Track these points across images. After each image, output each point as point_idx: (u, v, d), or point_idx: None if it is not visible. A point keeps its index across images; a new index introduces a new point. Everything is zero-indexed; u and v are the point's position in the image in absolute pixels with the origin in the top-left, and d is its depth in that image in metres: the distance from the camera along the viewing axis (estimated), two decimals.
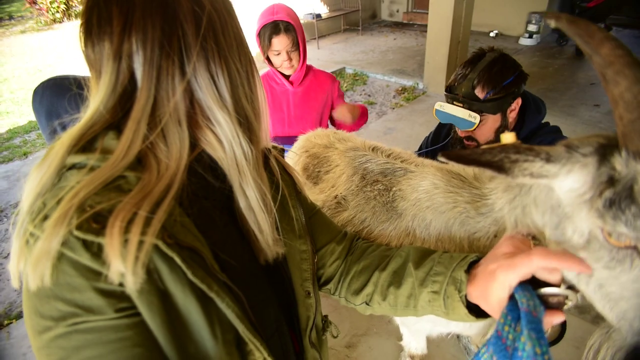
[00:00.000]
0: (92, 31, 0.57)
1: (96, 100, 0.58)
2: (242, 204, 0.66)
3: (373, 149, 1.25)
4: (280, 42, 1.88)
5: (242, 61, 0.64)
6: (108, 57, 0.57)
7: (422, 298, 0.80)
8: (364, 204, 1.15)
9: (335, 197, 1.20)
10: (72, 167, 0.55)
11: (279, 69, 1.99)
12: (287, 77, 2.03)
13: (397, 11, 10.07)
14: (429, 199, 1.02)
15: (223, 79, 0.61)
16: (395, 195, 1.10)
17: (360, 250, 0.95)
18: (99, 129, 0.58)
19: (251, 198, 0.66)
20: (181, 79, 0.58)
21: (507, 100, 1.46)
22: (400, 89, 6.03)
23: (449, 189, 0.99)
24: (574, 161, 0.60)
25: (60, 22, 11.74)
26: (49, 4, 11.49)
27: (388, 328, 2.26)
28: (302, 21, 2.04)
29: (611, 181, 0.57)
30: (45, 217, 0.50)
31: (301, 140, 1.52)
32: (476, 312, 0.75)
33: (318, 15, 8.25)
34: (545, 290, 0.65)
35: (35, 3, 11.60)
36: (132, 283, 0.49)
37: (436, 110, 1.53)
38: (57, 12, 11.65)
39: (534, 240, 0.73)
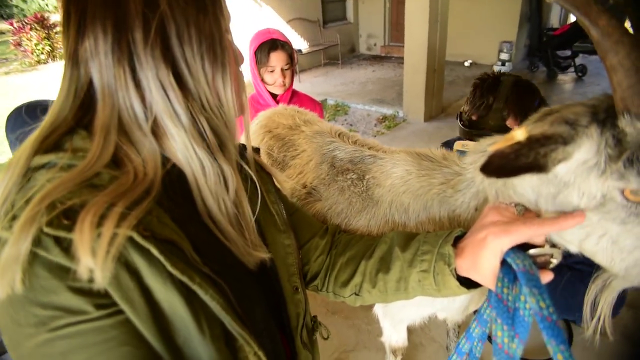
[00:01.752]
0: (62, 32, 0.56)
1: (56, 103, 0.57)
2: (203, 215, 0.63)
3: (339, 135, 1.23)
4: (278, 58, 1.97)
5: (210, 66, 0.59)
6: (66, 61, 0.56)
7: (412, 279, 0.81)
8: (338, 195, 1.13)
9: (305, 187, 1.18)
10: (41, 167, 0.52)
11: (270, 88, 2.06)
12: (274, 97, 2.09)
13: (375, 45, 10.45)
14: (404, 183, 1.02)
15: (173, 91, 0.56)
16: (369, 183, 1.09)
17: (344, 243, 0.95)
18: (63, 132, 0.56)
19: (212, 210, 0.63)
20: (135, 88, 0.55)
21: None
22: (381, 117, 6.18)
23: (422, 172, 1.00)
24: (581, 134, 0.62)
25: (44, 63, 11.86)
26: (34, 46, 11.63)
27: (377, 343, 2.23)
28: None
29: (619, 143, 0.60)
30: (14, 218, 0.47)
31: (263, 117, 1.44)
32: (466, 284, 0.76)
33: (299, 50, 8.51)
34: (534, 251, 0.69)
35: (20, 45, 11.74)
36: (101, 278, 0.46)
37: (458, 151, 1.31)
38: (42, 53, 11.79)
39: (517, 207, 0.75)
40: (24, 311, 0.47)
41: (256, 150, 0.86)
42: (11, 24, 12.19)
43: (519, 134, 0.63)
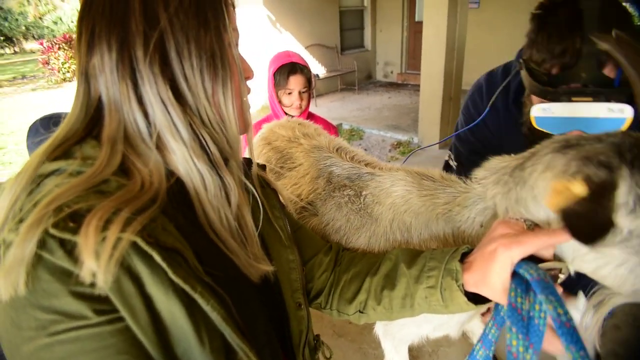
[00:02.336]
0: (75, 50, 0.60)
1: (69, 116, 0.59)
2: (205, 226, 0.63)
3: (337, 150, 1.23)
4: (296, 81, 2.01)
5: (210, 82, 0.60)
6: (78, 78, 0.59)
7: (418, 295, 0.80)
8: (335, 211, 1.12)
9: (301, 200, 1.17)
10: (51, 173, 0.53)
11: (287, 109, 2.09)
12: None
13: (392, 72, 10.56)
14: (405, 202, 1.01)
15: (172, 106, 0.58)
16: (367, 200, 1.08)
17: (348, 260, 0.95)
18: (73, 142, 0.57)
19: (213, 222, 0.63)
20: (137, 103, 0.57)
21: None
22: (395, 143, 6.18)
23: (423, 192, 1.00)
24: (618, 176, 0.64)
25: (70, 81, 12.30)
26: (60, 65, 12.09)
27: None
28: None
29: None
30: (21, 221, 0.47)
31: (265, 129, 1.46)
32: (474, 300, 0.76)
33: (316, 75, 8.65)
34: (544, 265, 0.70)
35: (47, 64, 12.21)
36: (103, 282, 0.46)
37: (537, 118, 1.00)
38: (68, 72, 12.24)
39: (527, 222, 0.75)
40: (24, 314, 0.47)
41: (262, 167, 0.87)
42: (41, 44, 12.74)
43: (579, 188, 0.63)
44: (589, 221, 0.61)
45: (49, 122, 0.93)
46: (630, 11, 0.99)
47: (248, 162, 0.79)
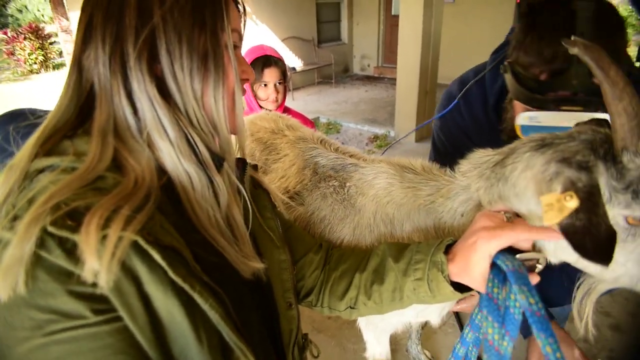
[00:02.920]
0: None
1: (58, 105, 0.59)
2: (196, 224, 0.63)
3: (321, 142, 1.24)
4: (271, 74, 2.00)
5: (200, 83, 0.60)
6: (71, 66, 0.59)
7: (406, 288, 0.83)
8: (320, 201, 1.14)
9: (288, 192, 1.18)
10: (44, 169, 0.53)
11: (262, 103, 2.08)
12: None
13: (368, 65, 10.60)
14: (387, 194, 1.03)
15: (158, 103, 0.58)
16: (351, 191, 1.10)
17: (337, 257, 0.97)
18: (64, 134, 0.57)
19: (202, 220, 0.63)
20: (127, 98, 0.57)
21: None
22: (372, 137, 6.22)
23: (405, 184, 1.02)
24: (595, 173, 0.68)
25: (37, 73, 11.82)
26: (27, 56, 11.61)
27: None
28: None
29: (621, 176, 0.67)
30: (15, 218, 0.47)
31: (245, 121, 1.47)
32: (459, 289, 0.79)
33: (293, 69, 8.60)
34: (521, 255, 0.73)
35: (13, 54, 11.71)
36: (106, 281, 0.45)
37: (523, 127, 0.95)
38: (35, 63, 11.77)
39: (506, 214, 0.78)
40: (19, 314, 0.46)
41: (254, 166, 0.87)
42: (5, 33, 12.22)
43: (571, 200, 0.64)
44: (593, 237, 0.63)
45: (15, 119, 0.90)
46: (629, 10, 0.95)
47: (241, 162, 0.79)
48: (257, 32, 7.87)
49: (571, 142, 0.71)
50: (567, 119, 0.87)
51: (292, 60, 8.89)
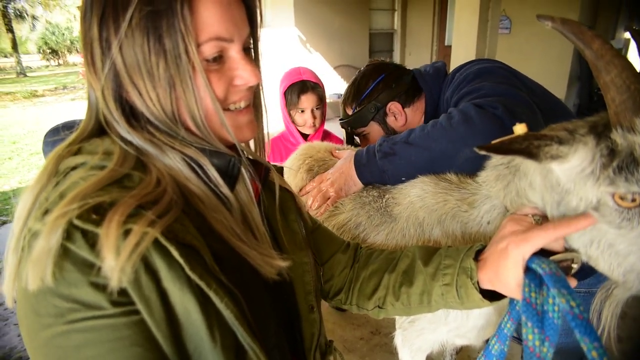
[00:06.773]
0: None
1: (83, 120, 0.64)
2: (215, 226, 0.64)
3: None
4: (308, 100, 1.99)
5: (173, 104, 0.60)
6: (87, 83, 0.63)
7: (435, 292, 0.83)
8: (359, 208, 1.21)
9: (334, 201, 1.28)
10: (76, 167, 0.56)
11: (300, 128, 2.08)
12: (304, 137, 2.10)
13: None
14: (420, 200, 1.08)
15: (131, 134, 0.60)
16: (389, 202, 1.17)
17: (366, 257, 0.98)
18: (89, 135, 0.62)
19: (218, 228, 0.63)
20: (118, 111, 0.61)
21: (369, 110, 1.43)
22: None
23: (438, 191, 1.06)
24: (577, 141, 0.67)
25: None
26: None
27: None
28: (328, 100, 2.22)
29: (612, 153, 0.65)
30: (46, 211, 0.50)
31: (303, 147, 1.56)
32: (489, 297, 0.78)
33: (339, 96, 8.72)
34: (556, 257, 0.71)
35: None
36: (120, 278, 0.47)
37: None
38: None
39: (535, 217, 0.77)
40: (44, 301, 0.48)
41: (279, 170, 0.88)
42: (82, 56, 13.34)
43: (520, 128, 0.67)
44: (501, 142, 0.65)
45: (61, 128, 0.99)
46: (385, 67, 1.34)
47: (267, 169, 0.80)
48: (311, 60, 8.11)
49: (579, 122, 0.72)
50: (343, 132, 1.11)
51: (343, 87, 9.00)
